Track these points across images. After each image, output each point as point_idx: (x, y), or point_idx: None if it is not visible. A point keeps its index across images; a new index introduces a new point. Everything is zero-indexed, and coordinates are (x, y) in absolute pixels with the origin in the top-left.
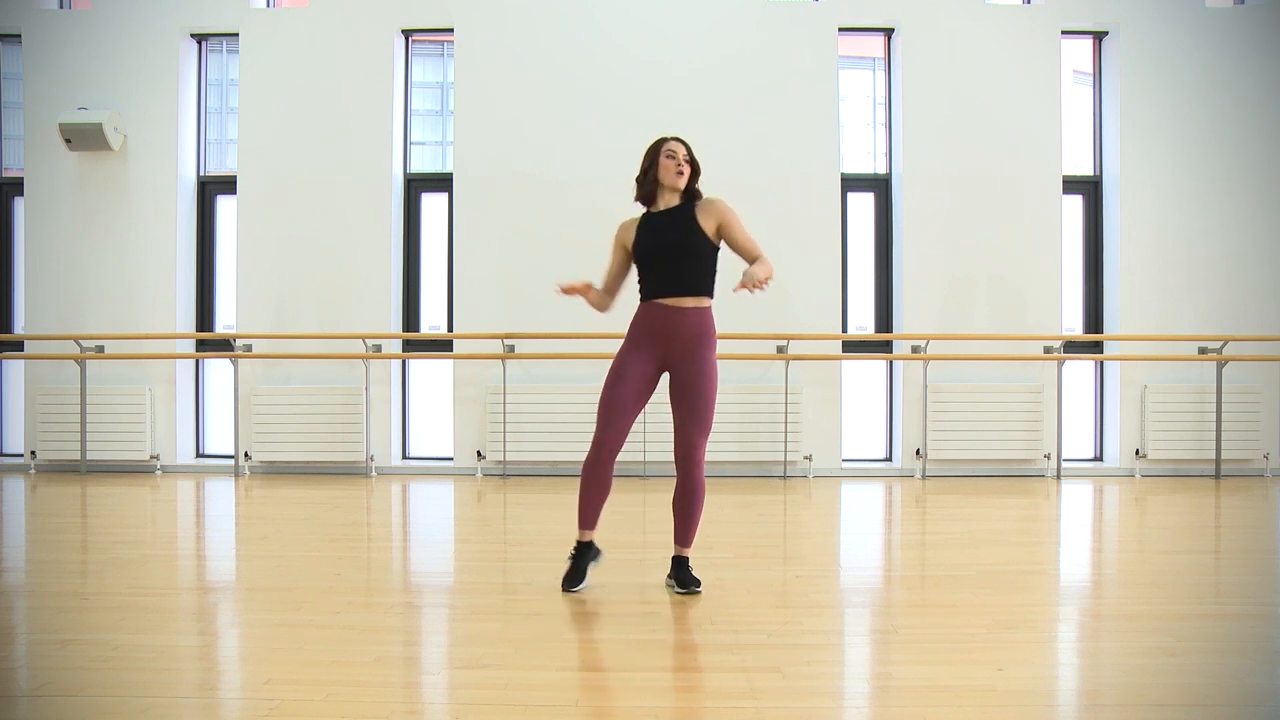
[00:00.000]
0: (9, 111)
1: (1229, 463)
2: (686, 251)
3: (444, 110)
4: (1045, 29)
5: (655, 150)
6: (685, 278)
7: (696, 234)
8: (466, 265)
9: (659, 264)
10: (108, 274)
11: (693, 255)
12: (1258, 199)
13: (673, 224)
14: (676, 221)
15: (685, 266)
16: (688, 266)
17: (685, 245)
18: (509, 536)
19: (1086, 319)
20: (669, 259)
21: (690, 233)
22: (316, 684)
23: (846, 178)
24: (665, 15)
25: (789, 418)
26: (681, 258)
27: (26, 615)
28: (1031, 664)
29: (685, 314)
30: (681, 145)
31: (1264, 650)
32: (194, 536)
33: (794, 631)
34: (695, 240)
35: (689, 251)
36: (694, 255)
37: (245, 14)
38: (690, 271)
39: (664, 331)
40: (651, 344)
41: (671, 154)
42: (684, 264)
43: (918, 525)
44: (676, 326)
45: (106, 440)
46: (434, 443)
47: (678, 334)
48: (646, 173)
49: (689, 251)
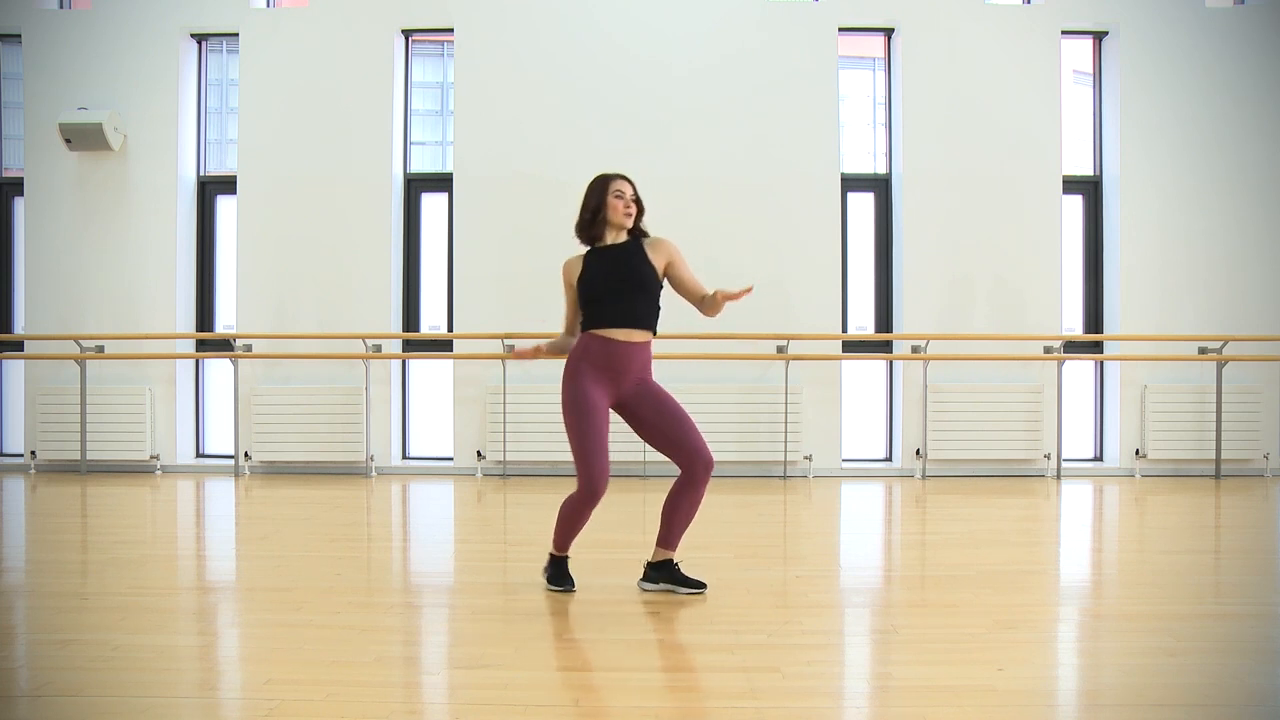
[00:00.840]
0: (9, 111)
1: (1229, 463)
2: (640, 286)
3: (444, 110)
4: (1045, 29)
5: (603, 189)
6: (637, 312)
7: (649, 270)
8: (466, 265)
9: (610, 297)
10: (108, 274)
11: (646, 291)
12: (1258, 199)
13: (624, 259)
14: (628, 257)
15: (638, 301)
16: (641, 301)
17: (637, 279)
18: (509, 536)
19: (1086, 319)
20: (622, 293)
21: (642, 268)
22: (316, 684)
23: (846, 178)
24: (665, 15)
25: (789, 418)
26: (635, 292)
27: (26, 615)
28: (1031, 664)
29: (634, 348)
30: (629, 184)
31: (1264, 650)
32: (194, 536)
33: (794, 631)
34: (647, 275)
35: (642, 286)
36: (647, 291)
37: (245, 14)
38: (641, 307)
39: (614, 365)
40: (602, 376)
41: (620, 194)
42: (637, 298)
43: (918, 525)
44: (627, 360)
45: (106, 440)
46: (434, 443)
47: (628, 368)
48: (595, 213)
49: (642, 286)
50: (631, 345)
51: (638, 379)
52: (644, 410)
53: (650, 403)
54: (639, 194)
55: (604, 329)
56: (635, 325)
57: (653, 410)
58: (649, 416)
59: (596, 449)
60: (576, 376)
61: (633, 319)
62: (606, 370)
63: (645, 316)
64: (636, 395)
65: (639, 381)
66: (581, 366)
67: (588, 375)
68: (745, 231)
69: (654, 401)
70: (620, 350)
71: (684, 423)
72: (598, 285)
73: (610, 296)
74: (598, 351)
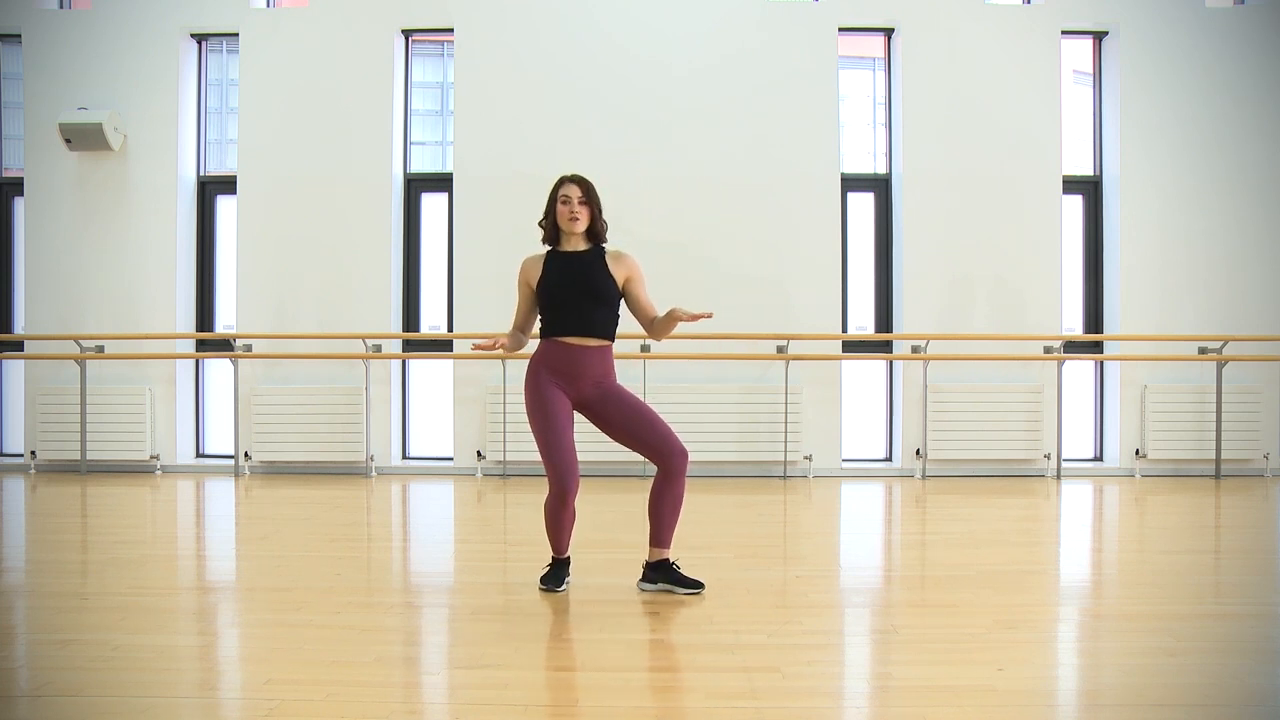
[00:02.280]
0: (9, 111)
1: (1229, 463)
2: (597, 297)
3: (444, 110)
4: (1045, 29)
5: (552, 193)
6: (593, 321)
7: (607, 281)
8: (466, 265)
9: (567, 305)
10: (108, 274)
11: (603, 301)
12: (1258, 199)
13: (583, 268)
14: (587, 266)
15: (595, 311)
16: (597, 311)
17: (596, 291)
18: (509, 536)
19: (1086, 319)
20: (578, 301)
21: (602, 279)
22: (316, 684)
23: (846, 178)
24: (665, 15)
25: (789, 418)
26: (591, 302)
27: (26, 615)
28: (1031, 664)
29: (590, 352)
30: (577, 187)
31: (1264, 650)
32: (194, 536)
33: (794, 631)
34: (606, 287)
35: (599, 297)
36: (604, 301)
37: (245, 14)
38: (599, 316)
39: (571, 369)
40: (559, 380)
41: (566, 199)
42: (594, 308)
43: (918, 525)
44: (583, 365)
45: (106, 440)
46: (434, 443)
47: (585, 372)
48: (547, 215)
49: (599, 297)
50: (588, 349)
51: (595, 382)
52: (608, 412)
53: (613, 404)
54: (592, 196)
55: (561, 336)
56: (591, 334)
57: (616, 411)
58: (614, 417)
59: (560, 446)
60: (537, 381)
61: (589, 328)
62: (564, 374)
63: (602, 325)
64: (599, 398)
65: (597, 385)
66: (541, 371)
67: (547, 379)
68: (745, 231)
69: (616, 402)
70: (577, 355)
71: (649, 419)
72: (555, 293)
73: (568, 305)
74: (555, 356)
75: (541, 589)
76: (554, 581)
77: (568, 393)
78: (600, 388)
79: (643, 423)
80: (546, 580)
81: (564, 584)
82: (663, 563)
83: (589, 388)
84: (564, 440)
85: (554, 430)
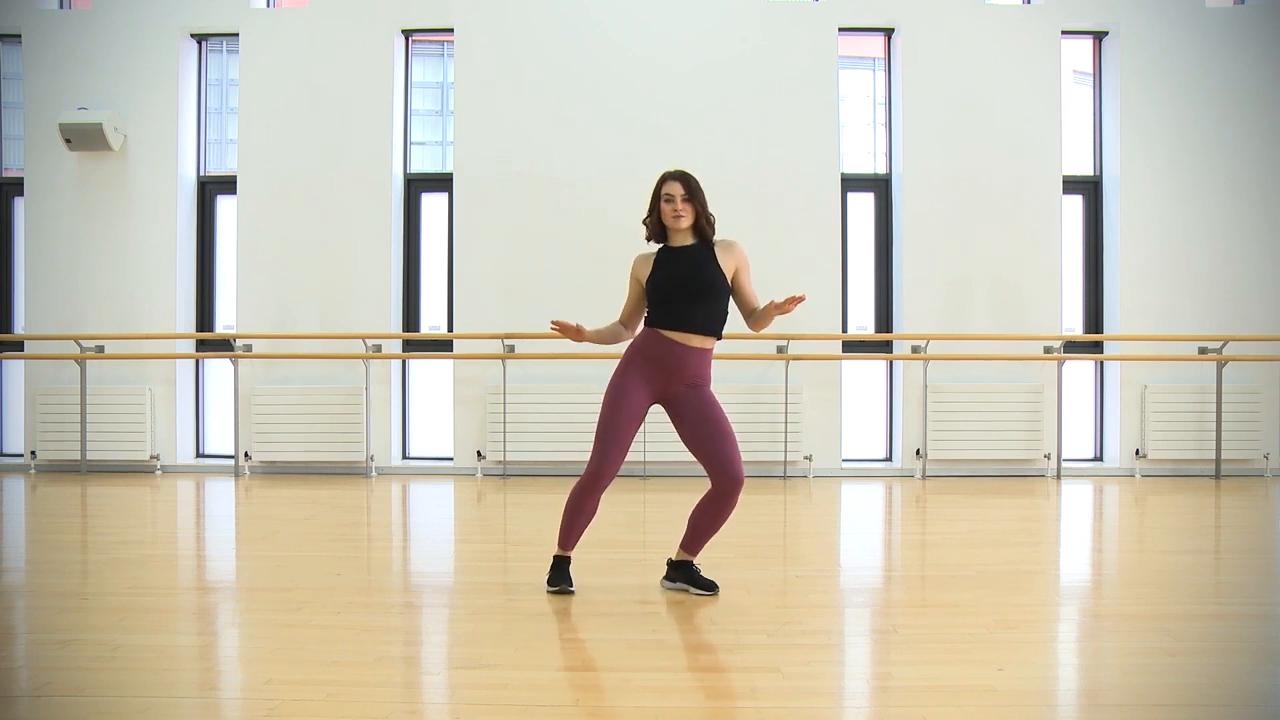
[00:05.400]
0: (9, 111)
1: (1229, 463)
2: (707, 292)
3: (444, 110)
4: (1045, 29)
5: (655, 192)
6: (700, 316)
7: (718, 274)
8: (466, 265)
9: (676, 300)
10: (108, 274)
11: (713, 296)
12: (1258, 199)
13: (693, 262)
14: (697, 260)
15: (703, 306)
16: (706, 306)
17: (707, 285)
18: (509, 536)
19: (1086, 319)
20: (688, 297)
21: (713, 273)
22: (316, 684)
23: (846, 178)
24: (665, 15)
25: (789, 418)
26: (701, 297)
27: (26, 615)
28: (1031, 664)
29: (691, 352)
30: (680, 184)
31: (1264, 650)
32: (194, 537)
33: (794, 631)
34: (717, 280)
35: (710, 292)
36: (714, 295)
37: (245, 14)
38: (707, 311)
39: (668, 365)
40: (653, 374)
41: (669, 198)
42: (703, 303)
43: (918, 525)
44: (682, 363)
45: (106, 440)
46: (434, 443)
47: (682, 370)
48: (651, 213)
49: (710, 292)
50: (689, 349)
51: (691, 382)
52: (687, 412)
53: (695, 406)
54: (695, 192)
55: (665, 329)
56: (697, 330)
57: (695, 414)
58: (690, 419)
59: (616, 439)
60: (628, 369)
61: (695, 324)
62: (660, 368)
63: (709, 321)
64: (686, 397)
65: (692, 386)
66: (636, 360)
67: (639, 370)
68: (745, 231)
69: (700, 406)
70: (677, 352)
71: (723, 434)
72: (664, 289)
73: (677, 300)
74: (655, 346)
75: (551, 591)
76: (563, 582)
77: (656, 385)
78: (693, 389)
79: (715, 436)
80: (555, 582)
81: (573, 584)
82: (685, 563)
83: (680, 386)
84: (622, 435)
85: (618, 422)
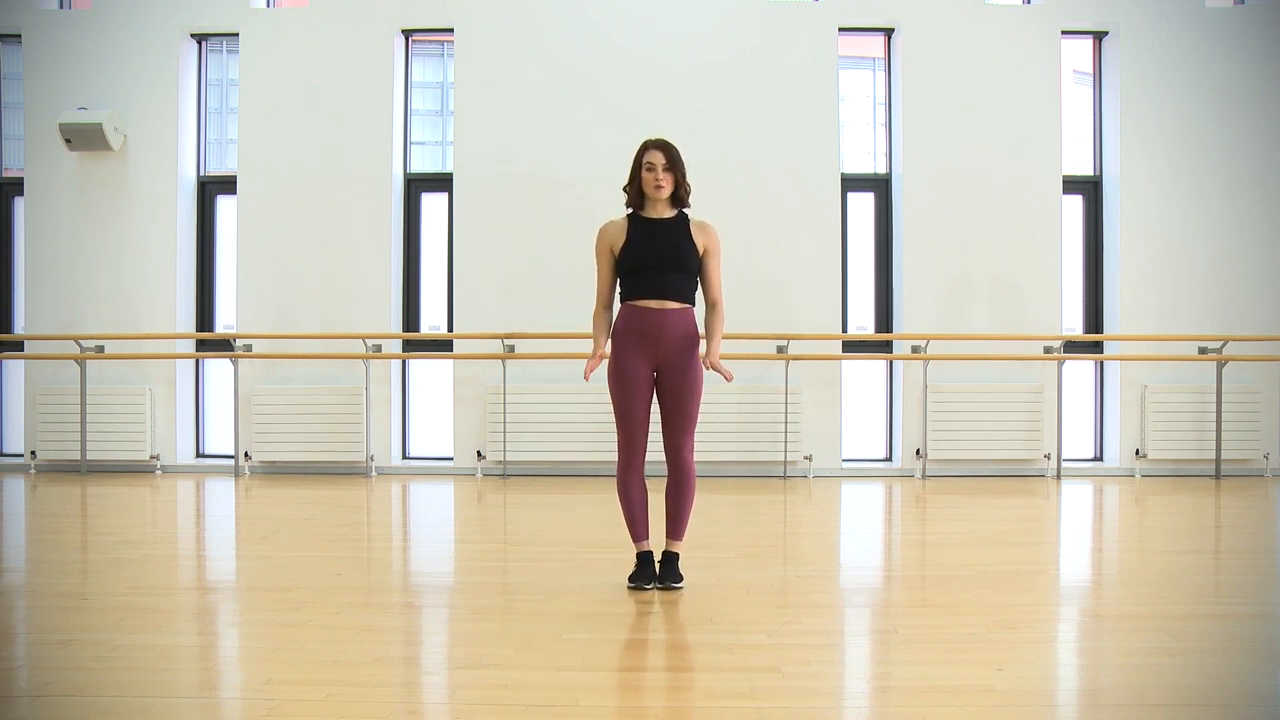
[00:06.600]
0: (9, 111)
1: (1229, 463)
2: (679, 265)
3: (444, 110)
4: (1045, 29)
5: (637, 158)
6: (675, 284)
7: (691, 250)
8: (466, 265)
9: (649, 270)
10: (108, 274)
11: (684, 269)
12: (1258, 199)
13: (667, 235)
14: (671, 233)
15: (675, 277)
16: (677, 278)
17: (679, 259)
18: (509, 536)
19: (1086, 319)
20: (661, 268)
21: (686, 248)
22: (316, 684)
23: (846, 178)
24: (665, 15)
25: (789, 418)
26: (673, 269)
27: (26, 615)
28: (1031, 664)
29: (669, 314)
30: (661, 154)
31: (1264, 650)
32: (194, 536)
33: (794, 631)
34: (689, 256)
35: (682, 265)
36: (686, 269)
37: (245, 14)
38: (679, 281)
39: (653, 332)
40: (642, 345)
41: (650, 166)
42: (675, 275)
43: (918, 525)
44: (663, 327)
45: (106, 440)
46: (434, 443)
47: (666, 334)
48: (632, 181)
49: (682, 265)
50: (665, 311)
51: (677, 347)
52: (668, 385)
53: (676, 381)
54: (676, 162)
55: (640, 300)
56: (673, 297)
57: (672, 389)
58: (665, 391)
59: (635, 417)
60: (619, 350)
61: (671, 292)
62: (646, 339)
63: (683, 289)
64: (670, 366)
65: (679, 352)
66: (622, 338)
67: (629, 345)
68: (745, 231)
69: (680, 382)
70: (654, 317)
71: (683, 412)
72: (638, 258)
73: (649, 270)
74: (636, 319)
75: (631, 587)
76: (640, 579)
77: (648, 354)
78: (678, 357)
79: (675, 416)
80: (633, 579)
81: (651, 583)
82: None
83: (668, 350)
84: (638, 411)
85: (628, 400)
